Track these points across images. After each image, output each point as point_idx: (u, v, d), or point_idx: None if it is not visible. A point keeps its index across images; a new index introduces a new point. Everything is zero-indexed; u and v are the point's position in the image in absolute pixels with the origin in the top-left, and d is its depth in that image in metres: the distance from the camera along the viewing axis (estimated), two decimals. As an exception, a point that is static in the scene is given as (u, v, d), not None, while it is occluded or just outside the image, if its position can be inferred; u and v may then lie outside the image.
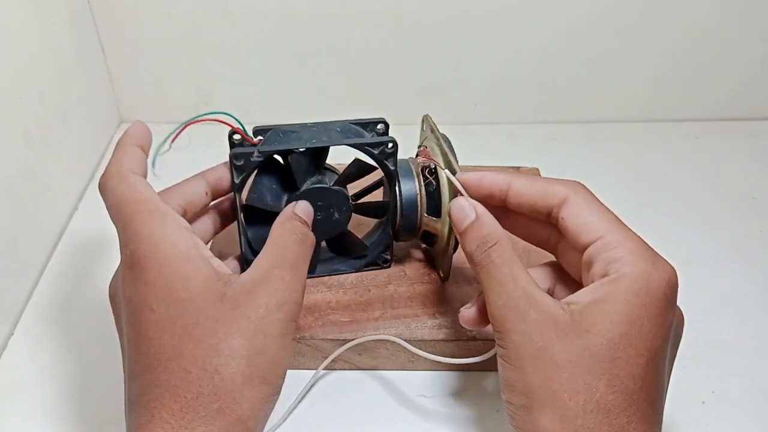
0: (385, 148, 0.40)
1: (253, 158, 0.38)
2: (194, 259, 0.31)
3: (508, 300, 0.32)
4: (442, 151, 0.42)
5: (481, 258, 0.33)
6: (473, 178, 0.36)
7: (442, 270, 0.45)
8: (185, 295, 0.30)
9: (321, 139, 0.39)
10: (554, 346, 0.30)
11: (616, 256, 0.31)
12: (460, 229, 0.34)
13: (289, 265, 0.33)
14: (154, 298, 0.30)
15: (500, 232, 0.33)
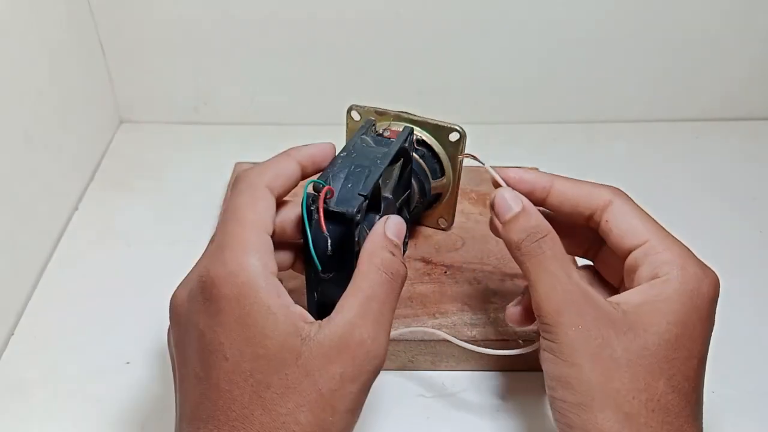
0: (411, 137, 0.42)
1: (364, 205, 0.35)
2: (275, 310, 0.28)
3: (563, 294, 0.31)
4: (416, 121, 0.45)
5: (532, 248, 0.32)
6: (515, 174, 0.35)
7: (446, 219, 0.50)
8: (262, 352, 0.27)
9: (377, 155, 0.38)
10: (613, 344, 0.29)
11: (664, 259, 0.31)
12: (504, 219, 0.33)
13: (373, 320, 0.29)
14: (230, 345, 0.27)
15: (549, 226, 0.33)
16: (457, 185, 0.47)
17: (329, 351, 0.27)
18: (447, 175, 0.46)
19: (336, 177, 0.36)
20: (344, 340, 0.28)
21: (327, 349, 0.27)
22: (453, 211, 0.49)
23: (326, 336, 0.28)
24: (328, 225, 0.34)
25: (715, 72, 0.68)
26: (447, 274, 0.47)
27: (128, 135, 0.67)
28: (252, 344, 0.27)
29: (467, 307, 0.44)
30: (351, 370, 0.28)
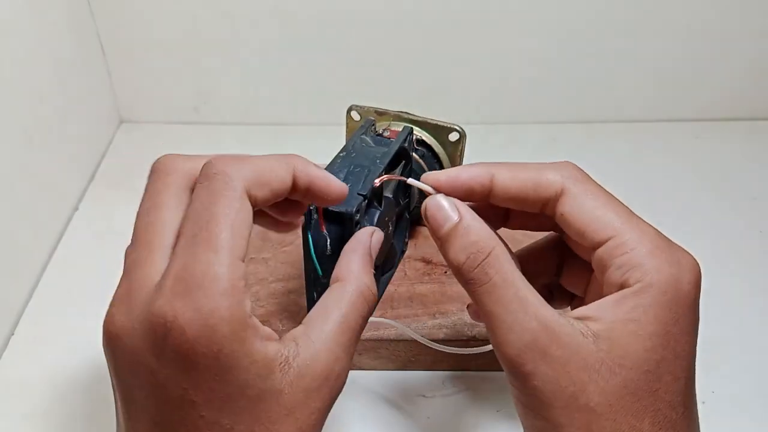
0: (410, 137, 0.41)
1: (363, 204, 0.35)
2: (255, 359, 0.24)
3: (522, 334, 0.26)
4: (415, 121, 0.45)
5: (475, 275, 0.27)
6: (445, 177, 0.30)
7: None
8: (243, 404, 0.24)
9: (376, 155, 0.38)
10: (588, 389, 0.25)
11: (634, 260, 0.27)
12: (440, 234, 0.29)
13: (350, 352, 0.27)
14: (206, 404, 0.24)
15: (492, 238, 0.28)
16: None
17: (311, 385, 0.25)
18: None
19: (336, 177, 0.36)
20: (325, 374, 0.26)
21: (309, 383, 0.25)
22: None
23: (307, 365, 0.25)
24: (328, 225, 0.34)
25: (715, 72, 0.68)
26: (447, 274, 0.47)
27: (128, 135, 0.67)
28: (233, 399, 0.24)
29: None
30: (328, 402, 0.26)
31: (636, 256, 0.27)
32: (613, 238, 0.27)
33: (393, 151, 0.38)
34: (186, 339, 0.23)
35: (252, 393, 0.24)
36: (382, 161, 0.37)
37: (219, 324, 0.23)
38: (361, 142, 0.40)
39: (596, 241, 0.28)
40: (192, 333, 0.23)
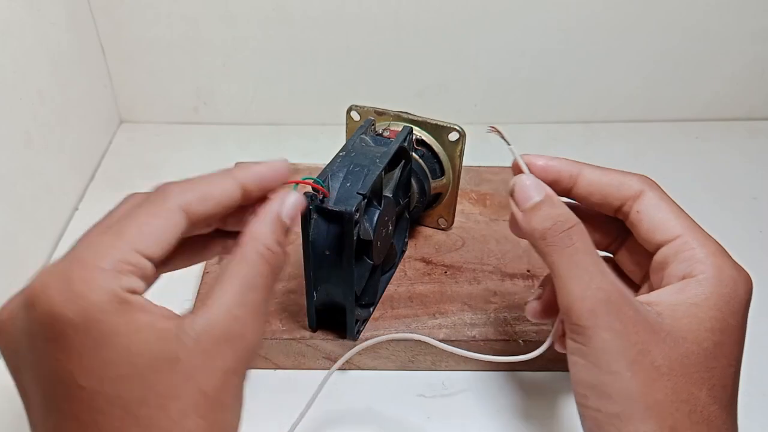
0: (410, 137, 0.41)
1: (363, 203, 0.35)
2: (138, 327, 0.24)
3: (598, 292, 0.28)
4: (415, 121, 0.45)
5: (559, 239, 0.29)
6: (540, 161, 0.32)
7: (446, 219, 0.50)
8: (128, 371, 0.23)
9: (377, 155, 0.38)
10: (653, 351, 0.27)
11: (698, 257, 0.29)
12: (525, 206, 0.30)
13: (252, 311, 0.26)
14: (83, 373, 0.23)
15: (576, 218, 0.30)
16: (456, 185, 0.47)
17: (210, 347, 0.25)
18: (447, 175, 0.47)
19: (335, 176, 0.36)
20: (224, 334, 0.25)
21: (207, 345, 0.25)
22: (453, 211, 0.49)
23: (205, 330, 0.25)
24: (327, 224, 0.34)
25: (715, 72, 0.68)
26: (447, 274, 0.47)
27: (128, 135, 0.67)
28: (114, 366, 0.23)
29: (467, 307, 0.44)
30: (233, 363, 0.25)
31: (700, 254, 0.30)
32: (680, 237, 0.30)
33: (392, 151, 0.38)
34: (51, 306, 0.23)
35: (141, 362, 0.24)
36: (381, 161, 0.37)
37: (88, 293, 0.23)
38: (360, 141, 0.40)
39: (664, 238, 0.31)
40: (58, 299, 0.23)
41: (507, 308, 0.44)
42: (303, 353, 0.42)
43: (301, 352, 0.42)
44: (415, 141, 0.44)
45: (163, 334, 0.24)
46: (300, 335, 0.41)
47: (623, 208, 0.32)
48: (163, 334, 0.24)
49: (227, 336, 0.25)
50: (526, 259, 0.48)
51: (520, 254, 0.48)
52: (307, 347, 0.42)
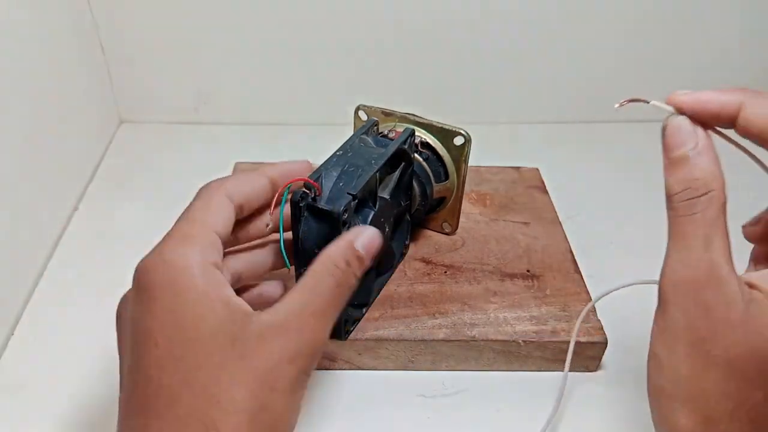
0: (411, 140, 0.41)
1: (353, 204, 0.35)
2: (212, 299, 0.28)
3: (687, 268, 0.27)
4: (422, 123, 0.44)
5: (681, 206, 0.27)
6: (688, 99, 0.30)
7: (449, 224, 0.49)
8: (194, 335, 0.27)
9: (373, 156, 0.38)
10: (717, 339, 0.26)
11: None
12: (670, 156, 0.28)
13: (315, 313, 0.29)
14: (160, 331, 0.27)
15: (715, 182, 0.27)
16: (461, 190, 0.47)
17: (266, 332, 0.28)
18: (451, 180, 0.46)
19: (328, 175, 0.36)
20: (283, 327, 0.28)
21: (264, 331, 0.28)
22: (457, 216, 0.49)
23: (264, 321, 0.28)
24: (317, 223, 0.34)
25: (715, 72, 0.68)
26: (447, 274, 0.47)
27: (128, 135, 0.67)
28: (184, 329, 0.27)
29: (467, 307, 0.44)
30: (288, 351, 0.28)
31: None
32: None
33: (390, 153, 0.38)
34: (147, 272, 0.28)
35: (204, 328, 0.27)
36: (377, 162, 0.37)
37: (177, 260, 0.28)
38: (360, 141, 0.40)
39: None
40: (151, 268, 0.28)
41: (507, 308, 0.44)
42: (303, 353, 0.42)
43: (301, 352, 0.42)
44: (419, 144, 0.44)
45: (233, 314, 0.28)
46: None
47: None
48: (233, 313, 0.28)
49: (285, 329, 0.28)
50: (526, 259, 0.48)
51: (520, 254, 0.48)
52: (307, 347, 0.42)
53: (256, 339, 0.27)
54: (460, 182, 0.46)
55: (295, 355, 0.28)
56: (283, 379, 0.28)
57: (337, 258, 0.30)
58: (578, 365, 0.43)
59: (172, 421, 0.26)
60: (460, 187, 0.47)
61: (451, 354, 0.43)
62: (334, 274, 0.30)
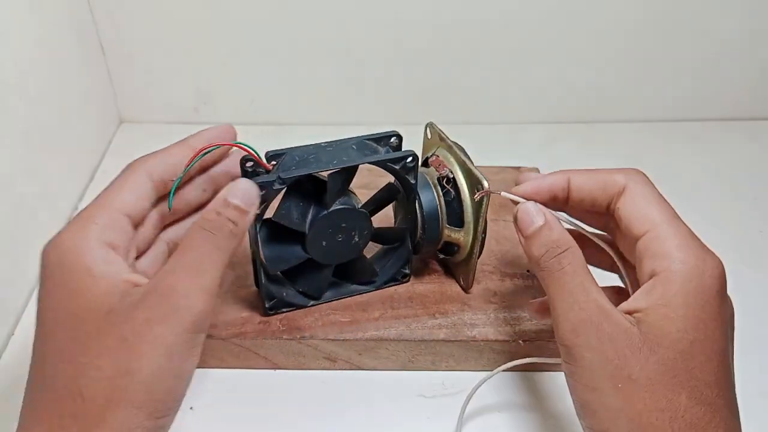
0: (406, 163, 0.39)
1: (275, 187, 0.36)
2: (95, 272, 0.29)
3: (579, 312, 0.30)
4: (459, 159, 0.41)
5: (550, 264, 0.31)
6: (531, 187, 0.35)
7: (463, 280, 0.45)
8: (73, 309, 0.28)
9: (342, 159, 0.38)
10: (630, 364, 0.28)
11: (664, 250, 0.30)
12: (527, 233, 0.33)
13: (187, 269, 0.29)
14: (47, 309, 0.29)
15: (570, 240, 0.32)
16: (476, 246, 0.42)
17: (137, 300, 0.28)
18: (466, 229, 0.42)
19: (291, 157, 0.38)
20: (152, 288, 0.28)
21: (135, 299, 0.28)
22: (472, 274, 0.44)
23: (138, 289, 0.29)
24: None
25: (715, 72, 0.68)
26: (447, 274, 0.47)
27: (128, 135, 0.67)
28: (66, 304, 0.28)
29: (467, 307, 0.44)
30: (157, 313, 0.28)
31: (666, 247, 0.30)
32: (650, 231, 0.31)
33: (355, 162, 0.38)
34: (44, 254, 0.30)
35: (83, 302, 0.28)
36: (337, 164, 0.37)
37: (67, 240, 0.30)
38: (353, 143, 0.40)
39: (637, 233, 0.32)
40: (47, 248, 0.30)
41: (507, 308, 0.44)
42: (303, 353, 0.42)
43: (301, 352, 0.42)
44: (444, 178, 0.42)
45: (111, 288, 0.29)
46: (299, 335, 0.41)
47: (611, 206, 0.33)
48: (112, 288, 0.29)
49: (155, 289, 0.28)
50: (526, 259, 0.48)
51: (520, 254, 0.48)
52: (307, 347, 0.42)
53: (128, 307, 0.28)
54: (476, 236, 0.41)
55: (165, 316, 0.28)
56: (153, 343, 0.27)
57: (206, 212, 0.31)
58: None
59: (47, 391, 0.28)
60: (475, 243, 0.41)
61: (451, 354, 0.43)
62: (204, 226, 0.30)
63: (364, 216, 0.40)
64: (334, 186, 0.38)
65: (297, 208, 0.39)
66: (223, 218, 0.30)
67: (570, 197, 0.34)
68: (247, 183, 0.32)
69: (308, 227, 0.39)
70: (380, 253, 0.45)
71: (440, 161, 0.42)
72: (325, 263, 0.41)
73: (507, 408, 0.42)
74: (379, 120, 0.59)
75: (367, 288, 0.44)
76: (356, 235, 0.40)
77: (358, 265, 0.43)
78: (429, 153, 0.44)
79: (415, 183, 0.41)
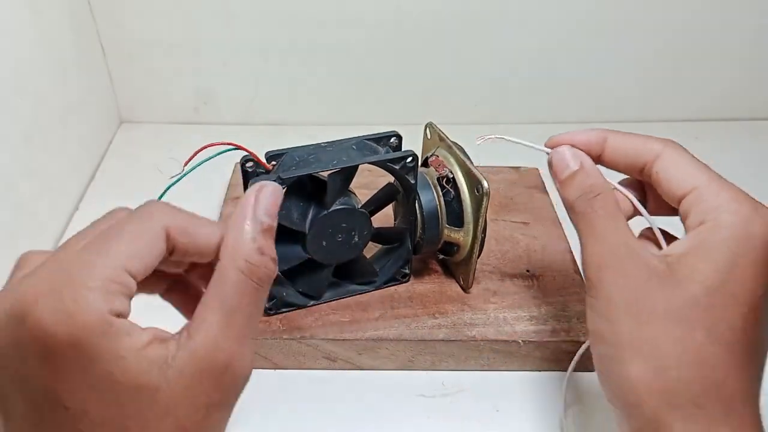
0: (406, 163, 0.39)
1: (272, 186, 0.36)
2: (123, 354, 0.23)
3: (606, 249, 0.30)
4: (458, 159, 0.41)
5: (584, 207, 0.32)
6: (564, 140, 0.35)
7: (463, 279, 0.45)
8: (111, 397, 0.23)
9: (342, 159, 0.38)
10: (649, 296, 0.29)
11: (713, 204, 0.30)
12: (561, 177, 0.33)
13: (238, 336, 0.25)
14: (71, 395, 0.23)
15: (605, 184, 0.32)
16: (476, 246, 0.42)
17: (191, 382, 0.24)
18: (465, 229, 0.42)
19: (291, 157, 0.38)
20: (208, 366, 0.24)
21: (189, 380, 0.24)
22: (471, 274, 0.44)
23: (187, 363, 0.24)
24: None
25: (715, 72, 0.68)
26: (447, 274, 0.47)
27: (128, 135, 0.67)
28: (99, 391, 0.23)
29: (467, 307, 0.44)
30: (217, 398, 0.25)
31: (715, 201, 0.30)
32: (696, 189, 0.31)
33: (354, 163, 0.38)
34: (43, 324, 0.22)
35: (121, 389, 0.23)
36: (336, 165, 0.37)
37: (79, 314, 0.22)
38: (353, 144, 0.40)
39: (683, 192, 0.31)
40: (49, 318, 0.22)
41: (507, 308, 0.44)
42: (303, 353, 0.42)
43: (301, 352, 0.42)
44: (444, 178, 0.42)
45: (146, 364, 0.23)
46: (299, 335, 0.41)
47: (644, 171, 0.33)
48: (146, 363, 0.23)
49: (211, 368, 0.24)
50: (526, 259, 0.48)
51: (520, 254, 0.48)
52: (307, 347, 0.42)
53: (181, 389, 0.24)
54: (476, 236, 0.41)
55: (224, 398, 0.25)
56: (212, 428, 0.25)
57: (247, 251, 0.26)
58: (578, 365, 0.43)
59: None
60: (475, 243, 0.41)
61: (451, 354, 0.43)
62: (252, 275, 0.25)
63: (364, 216, 0.40)
64: (334, 186, 0.38)
65: (297, 208, 0.39)
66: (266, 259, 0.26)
67: (603, 156, 0.34)
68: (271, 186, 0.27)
69: (308, 227, 0.39)
70: (380, 253, 0.45)
71: (440, 161, 0.42)
72: (325, 263, 0.41)
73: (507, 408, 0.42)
74: (379, 120, 0.59)
75: (367, 288, 0.44)
76: (356, 235, 0.40)
77: (358, 265, 0.43)
78: (429, 153, 0.44)
79: (414, 183, 0.41)
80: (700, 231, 0.30)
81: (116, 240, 0.24)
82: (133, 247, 0.24)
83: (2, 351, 0.23)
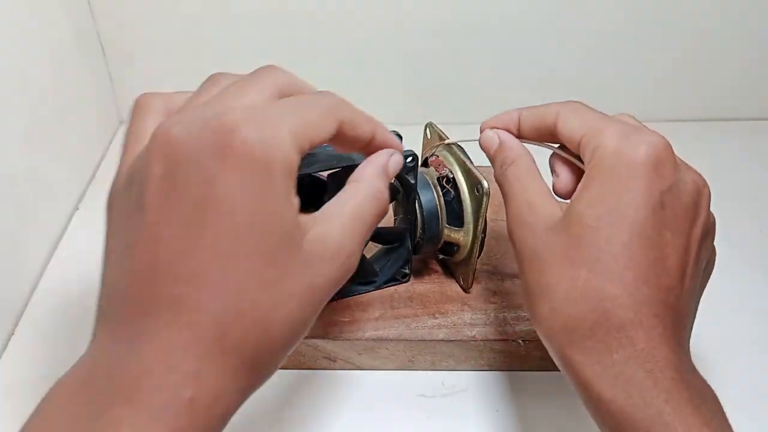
0: (406, 163, 0.39)
1: None
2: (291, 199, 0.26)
3: (513, 210, 0.33)
4: (458, 159, 0.41)
5: (500, 177, 0.35)
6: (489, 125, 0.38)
7: (463, 279, 0.45)
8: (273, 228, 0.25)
9: (342, 159, 0.38)
10: (547, 245, 0.31)
11: (598, 141, 0.31)
12: (489, 157, 0.37)
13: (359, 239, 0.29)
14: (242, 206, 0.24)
15: (518, 152, 0.35)
16: (476, 245, 0.42)
17: (325, 253, 0.27)
18: (465, 229, 0.42)
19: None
20: (339, 249, 0.27)
21: (324, 251, 0.27)
22: (472, 274, 0.44)
23: (323, 239, 0.27)
24: None
25: (715, 72, 0.68)
26: (447, 273, 0.47)
27: (128, 135, 0.67)
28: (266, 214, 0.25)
29: (467, 307, 0.44)
30: (338, 275, 0.28)
31: (598, 140, 0.31)
32: (586, 134, 0.32)
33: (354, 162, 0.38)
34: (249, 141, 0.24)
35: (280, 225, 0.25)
36: (336, 165, 0.38)
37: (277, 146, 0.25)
38: None
39: (577, 138, 0.33)
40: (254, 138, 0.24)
41: (507, 308, 0.44)
42: (303, 353, 0.42)
43: (301, 352, 0.42)
44: (443, 178, 0.42)
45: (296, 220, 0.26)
46: (300, 335, 0.41)
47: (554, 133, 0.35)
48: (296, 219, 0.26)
49: (340, 252, 0.27)
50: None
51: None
52: (307, 347, 0.42)
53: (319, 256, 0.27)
54: (476, 236, 0.41)
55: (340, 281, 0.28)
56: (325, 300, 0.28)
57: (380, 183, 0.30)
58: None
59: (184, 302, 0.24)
60: (475, 243, 0.42)
61: (451, 354, 0.43)
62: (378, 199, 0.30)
63: None
64: (334, 186, 0.38)
65: None
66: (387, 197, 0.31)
67: (520, 131, 0.37)
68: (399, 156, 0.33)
69: None
70: (380, 253, 0.45)
71: (440, 161, 0.42)
72: None
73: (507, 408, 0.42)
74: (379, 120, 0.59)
75: (367, 288, 0.44)
76: None
77: (358, 266, 0.43)
78: (429, 153, 0.44)
79: (414, 183, 0.41)
80: (588, 169, 0.31)
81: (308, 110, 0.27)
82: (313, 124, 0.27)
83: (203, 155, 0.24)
